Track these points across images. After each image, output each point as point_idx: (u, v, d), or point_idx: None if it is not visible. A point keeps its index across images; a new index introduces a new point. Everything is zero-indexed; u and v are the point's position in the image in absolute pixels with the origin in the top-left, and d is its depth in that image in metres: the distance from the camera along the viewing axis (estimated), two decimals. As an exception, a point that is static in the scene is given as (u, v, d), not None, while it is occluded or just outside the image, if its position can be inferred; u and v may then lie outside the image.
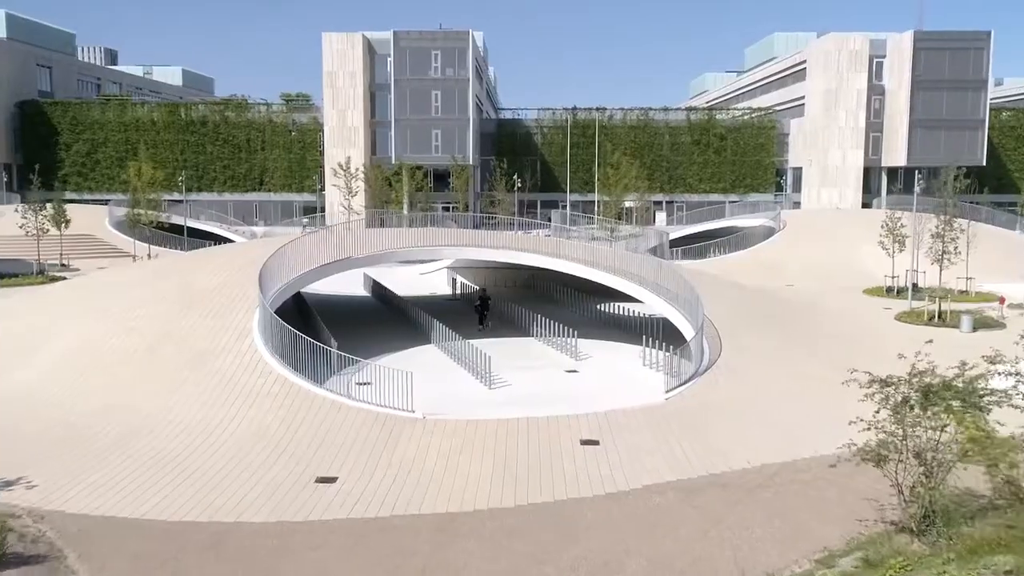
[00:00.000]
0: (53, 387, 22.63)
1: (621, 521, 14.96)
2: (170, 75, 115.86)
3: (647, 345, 27.42)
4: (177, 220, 65.01)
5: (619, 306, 35.05)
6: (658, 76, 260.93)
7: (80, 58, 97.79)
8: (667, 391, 22.65)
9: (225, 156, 78.44)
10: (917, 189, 41.15)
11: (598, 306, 36.61)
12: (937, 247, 38.74)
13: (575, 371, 26.89)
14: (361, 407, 20.66)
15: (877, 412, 13.94)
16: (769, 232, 60.33)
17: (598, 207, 66.96)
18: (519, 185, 67.86)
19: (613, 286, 31.15)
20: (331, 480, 16.70)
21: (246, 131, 78.38)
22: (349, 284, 43.88)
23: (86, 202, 71.99)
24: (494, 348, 27.27)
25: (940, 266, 38.79)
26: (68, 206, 56.54)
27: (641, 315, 33.32)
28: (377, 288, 42.92)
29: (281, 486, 16.46)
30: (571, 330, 29.45)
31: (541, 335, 31.24)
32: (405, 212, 61.39)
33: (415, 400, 20.68)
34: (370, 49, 75.05)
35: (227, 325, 24.68)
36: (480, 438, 18.92)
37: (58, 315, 28.46)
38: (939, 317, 35.14)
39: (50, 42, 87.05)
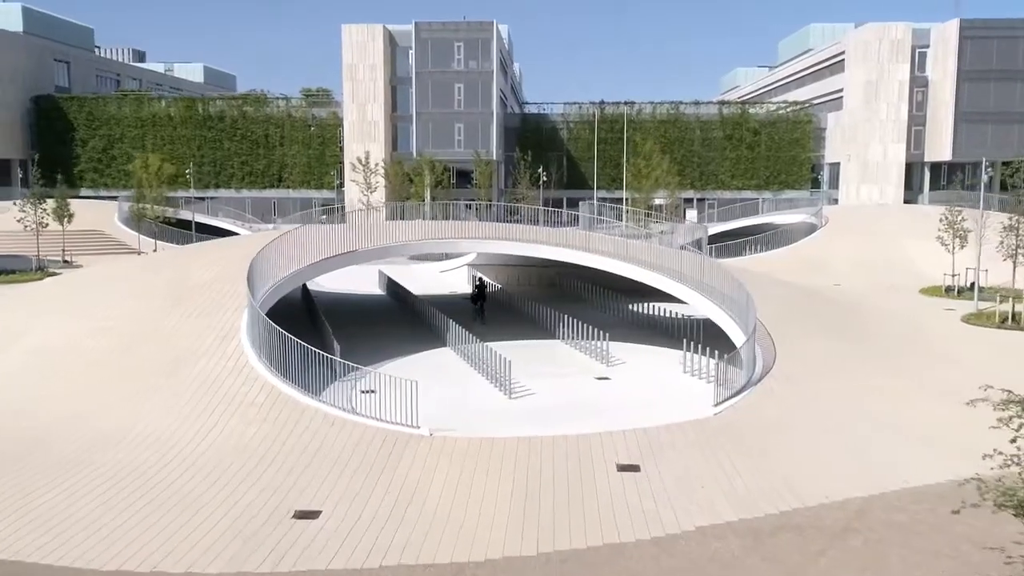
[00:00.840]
0: (10, 393, 19.86)
1: (673, 574, 11.81)
2: (191, 72, 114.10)
3: (688, 349, 24.26)
4: (186, 215, 62.66)
5: (653, 306, 31.86)
6: (686, 73, 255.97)
7: (106, 58, 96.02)
8: (716, 403, 19.46)
9: (243, 152, 76.14)
10: (985, 178, 37.51)
11: (630, 306, 33.46)
12: (1009, 242, 35.06)
13: (607, 378, 23.82)
14: (358, 421, 17.65)
15: (1014, 441, 10.66)
16: (809, 228, 56.79)
17: (626, 204, 63.67)
18: (544, 180, 64.80)
19: (651, 284, 27.91)
20: (313, 515, 13.66)
21: (264, 126, 76.05)
22: (364, 282, 41.32)
23: (102, 198, 69.99)
24: (516, 352, 24.25)
25: (1014, 263, 35.11)
26: (78, 201, 54.39)
27: (679, 316, 30.07)
28: (392, 286, 40.14)
29: (252, 521, 13.45)
30: (602, 332, 26.31)
31: (568, 337, 28.22)
32: (427, 205, 58.46)
33: (421, 413, 17.69)
34: (391, 41, 72.35)
35: (213, 324, 21.87)
36: (496, 461, 15.82)
37: (33, 312, 25.80)
38: (1012, 319, 31.53)
39: (68, 37, 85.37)
